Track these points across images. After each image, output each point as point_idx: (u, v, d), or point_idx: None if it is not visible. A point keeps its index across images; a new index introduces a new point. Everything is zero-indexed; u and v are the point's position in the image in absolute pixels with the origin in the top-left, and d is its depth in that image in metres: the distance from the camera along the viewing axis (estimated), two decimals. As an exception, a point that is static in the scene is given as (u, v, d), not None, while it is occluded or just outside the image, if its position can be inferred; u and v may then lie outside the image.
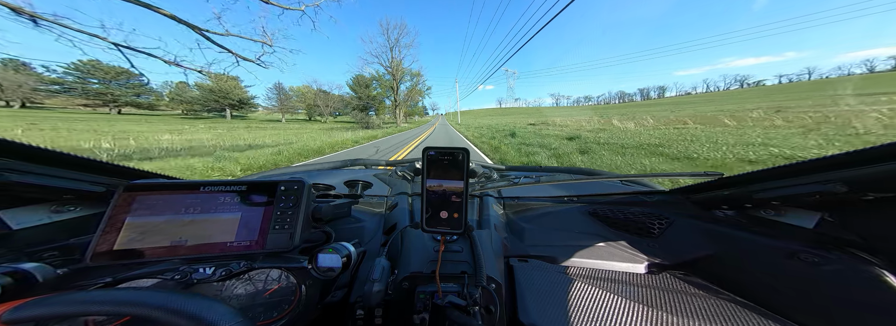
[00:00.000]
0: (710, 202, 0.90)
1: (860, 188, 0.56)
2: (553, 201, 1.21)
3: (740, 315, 0.62)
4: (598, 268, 0.82)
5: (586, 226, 1.00)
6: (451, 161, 0.62)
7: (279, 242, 0.67)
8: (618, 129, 17.63)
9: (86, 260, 0.59)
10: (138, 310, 0.37)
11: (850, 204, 0.62)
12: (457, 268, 0.64)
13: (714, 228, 0.84)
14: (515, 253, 0.86)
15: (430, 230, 0.63)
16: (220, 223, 0.67)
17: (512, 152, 9.71)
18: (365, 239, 0.95)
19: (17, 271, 0.52)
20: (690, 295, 0.69)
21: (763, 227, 0.76)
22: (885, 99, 25.28)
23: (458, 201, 0.61)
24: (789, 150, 7.38)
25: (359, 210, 1.13)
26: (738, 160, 6.79)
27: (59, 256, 0.66)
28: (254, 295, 0.64)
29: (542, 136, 15.12)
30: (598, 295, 0.67)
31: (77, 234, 0.72)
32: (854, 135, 9.51)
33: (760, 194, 0.72)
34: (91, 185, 0.73)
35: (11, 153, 0.62)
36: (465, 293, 0.56)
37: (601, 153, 8.43)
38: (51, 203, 0.71)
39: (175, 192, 0.68)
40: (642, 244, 0.89)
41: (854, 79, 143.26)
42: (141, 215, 0.64)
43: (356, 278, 0.77)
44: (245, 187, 0.71)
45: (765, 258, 0.71)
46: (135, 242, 0.62)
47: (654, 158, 7.51)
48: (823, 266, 0.62)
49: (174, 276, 0.60)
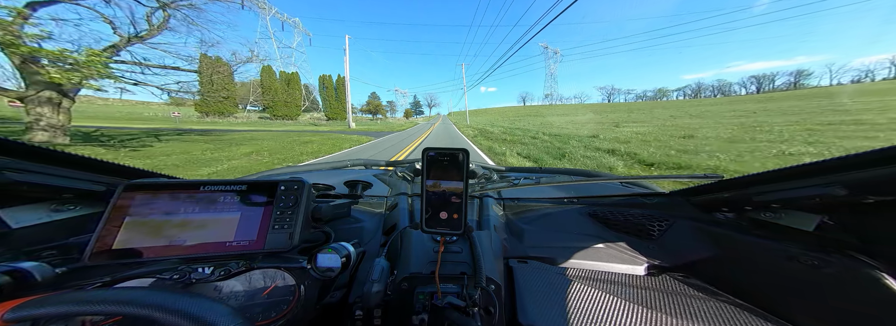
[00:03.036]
0: (710, 205, 0.90)
1: (860, 191, 0.56)
2: (553, 202, 1.21)
3: (739, 317, 0.62)
4: (597, 269, 0.82)
5: (586, 228, 1.00)
6: (451, 162, 0.62)
7: (278, 242, 0.67)
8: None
9: (84, 259, 0.58)
10: (138, 310, 0.37)
11: (849, 207, 0.62)
12: (456, 269, 0.64)
13: (714, 230, 0.84)
14: (515, 254, 0.86)
15: (430, 230, 0.63)
16: (220, 222, 0.67)
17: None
18: (364, 239, 0.95)
19: (15, 270, 0.52)
20: (690, 297, 0.69)
21: (763, 229, 0.76)
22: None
23: (458, 202, 0.61)
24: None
25: (358, 211, 1.13)
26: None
27: (58, 255, 0.66)
28: (252, 295, 0.64)
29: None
30: (598, 297, 0.67)
31: (76, 233, 0.72)
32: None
33: (760, 197, 0.72)
34: (91, 184, 0.73)
35: (11, 152, 0.61)
36: (465, 294, 0.55)
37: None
38: (50, 202, 0.71)
39: (175, 191, 0.68)
40: (642, 246, 0.89)
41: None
42: (140, 214, 0.64)
43: (355, 278, 0.77)
44: (245, 187, 0.71)
45: (764, 260, 0.71)
46: (134, 241, 0.62)
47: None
48: (823, 269, 0.62)
49: (173, 276, 0.60)
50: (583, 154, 10.15)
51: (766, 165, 8.12)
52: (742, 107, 43.05)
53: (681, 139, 13.97)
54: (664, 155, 9.56)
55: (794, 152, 9.64)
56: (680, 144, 12.20)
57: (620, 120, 33.70)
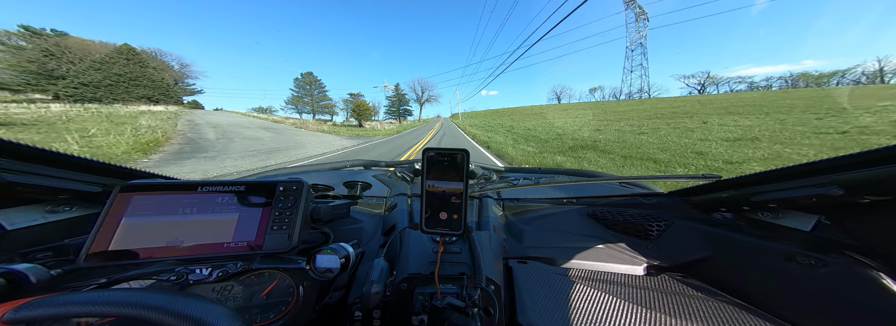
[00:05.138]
0: (708, 205, 0.91)
1: (857, 191, 0.57)
2: (552, 202, 1.21)
3: (738, 316, 0.62)
4: (596, 270, 0.82)
5: (585, 228, 1.00)
6: (451, 162, 0.62)
7: (277, 243, 0.67)
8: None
9: (80, 261, 0.58)
10: (137, 311, 0.37)
11: (846, 207, 0.63)
12: (456, 269, 0.64)
13: (712, 230, 0.85)
14: (514, 255, 0.86)
15: (430, 231, 0.63)
16: (218, 223, 0.67)
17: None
18: (364, 240, 0.95)
19: (10, 272, 0.52)
20: (688, 297, 0.69)
21: (760, 229, 0.77)
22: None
23: (458, 203, 0.61)
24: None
25: (357, 211, 1.13)
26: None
27: (53, 257, 0.65)
28: (251, 296, 0.64)
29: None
30: (597, 297, 0.67)
31: (72, 234, 0.71)
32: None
33: (758, 197, 0.72)
34: (87, 185, 0.72)
35: (6, 153, 0.61)
36: (464, 294, 0.55)
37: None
38: (46, 203, 0.70)
39: (172, 192, 0.68)
40: (641, 246, 0.89)
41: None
42: (137, 215, 0.64)
43: (354, 279, 0.76)
44: (243, 188, 0.71)
45: (762, 260, 0.71)
46: (130, 242, 0.61)
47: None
48: (820, 269, 0.62)
49: (170, 277, 0.59)
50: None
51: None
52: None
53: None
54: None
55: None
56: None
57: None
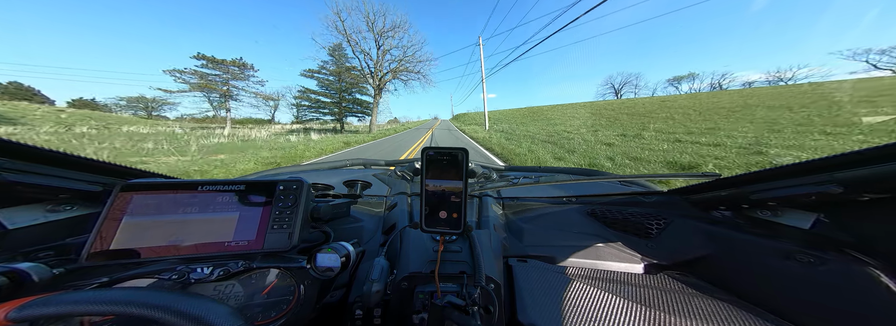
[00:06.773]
0: (708, 203, 0.91)
1: (856, 189, 0.57)
2: (552, 201, 1.21)
3: (737, 315, 0.62)
4: (596, 268, 0.82)
5: (585, 226, 1.00)
6: (451, 161, 0.62)
7: (278, 242, 0.67)
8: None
9: (81, 260, 0.58)
10: (140, 310, 0.37)
11: (845, 205, 0.63)
12: (456, 268, 0.64)
13: (711, 228, 0.85)
14: (514, 253, 0.87)
15: (430, 229, 0.63)
16: (219, 222, 0.67)
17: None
18: (364, 239, 0.95)
19: (12, 270, 0.52)
20: (687, 295, 0.69)
21: (760, 228, 0.77)
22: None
23: (458, 201, 0.61)
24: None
25: (358, 210, 1.13)
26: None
27: (55, 256, 0.65)
28: (252, 295, 0.64)
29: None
30: (597, 295, 0.68)
31: (73, 234, 0.71)
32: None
33: (757, 195, 0.72)
34: (88, 184, 0.72)
35: (6, 152, 0.61)
36: (464, 293, 0.56)
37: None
38: (47, 203, 0.70)
39: (173, 191, 0.68)
40: (640, 245, 0.90)
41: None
42: (138, 214, 0.64)
43: (355, 278, 0.77)
44: (243, 187, 0.71)
45: (761, 258, 0.71)
46: (131, 241, 0.61)
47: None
48: (819, 267, 0.62)
49: (171, 276, 0.60)
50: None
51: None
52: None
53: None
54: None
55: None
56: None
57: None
